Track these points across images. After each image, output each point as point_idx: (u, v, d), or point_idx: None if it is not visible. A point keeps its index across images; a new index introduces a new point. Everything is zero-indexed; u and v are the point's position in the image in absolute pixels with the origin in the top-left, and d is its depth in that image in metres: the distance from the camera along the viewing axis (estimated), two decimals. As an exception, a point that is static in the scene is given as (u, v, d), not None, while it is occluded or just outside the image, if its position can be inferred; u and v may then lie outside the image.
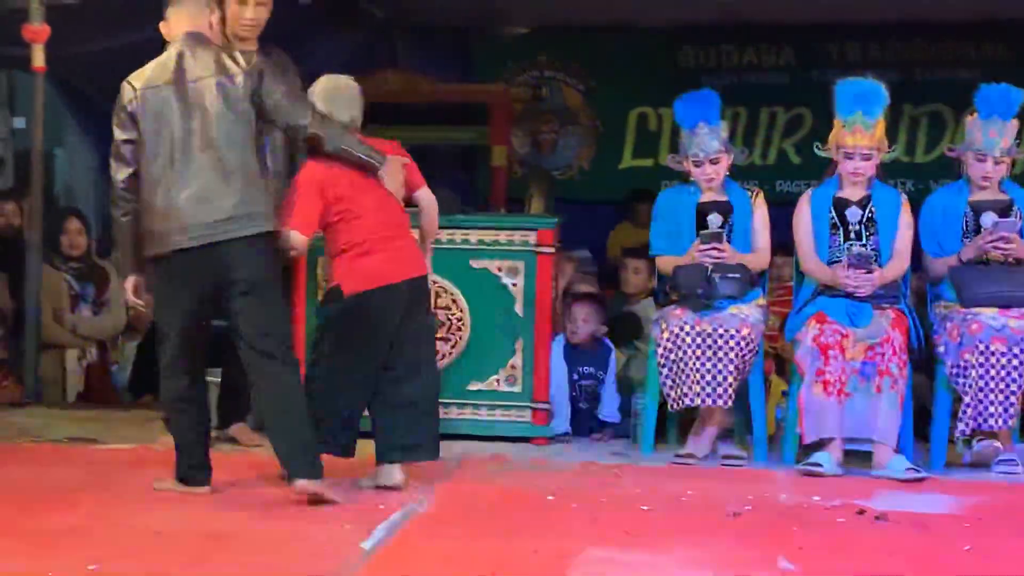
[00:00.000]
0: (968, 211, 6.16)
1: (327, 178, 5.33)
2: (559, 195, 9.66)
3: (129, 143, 5.19)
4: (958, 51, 9.98)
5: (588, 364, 6.90)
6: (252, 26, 6.00)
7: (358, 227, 5.36)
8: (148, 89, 5.16)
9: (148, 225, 5.16)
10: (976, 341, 5.82)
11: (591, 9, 9.57)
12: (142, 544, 4.50)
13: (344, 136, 5.35)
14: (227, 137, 5.12)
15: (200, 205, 5.07)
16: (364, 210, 5.37)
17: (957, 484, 5.73)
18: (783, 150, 10.13)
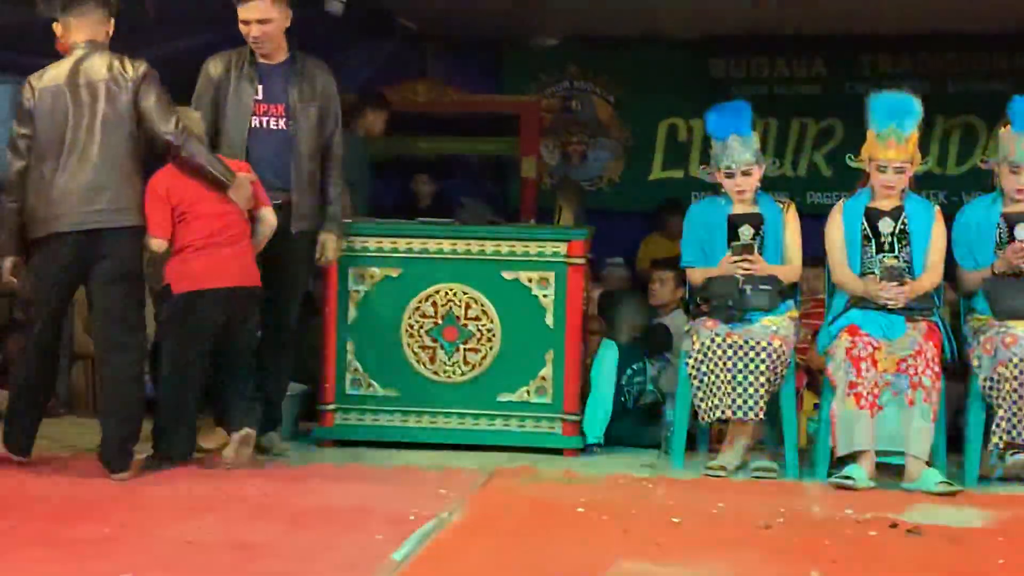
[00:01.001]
0: (1002, 223, 6.12)
1: (173, 185, 5.83)
2: (589, 206, 9.66)
3: (25, 137, 5.74)
4: (990, 62, 9.93)
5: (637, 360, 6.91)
6: (262, 42, 6.18)
7: (192, 231, 5.84)
8: (46, 88, 5.72)
9: (33, 211, 5.71)
10: (1010, 354, 5.78)
11: (621, 21, 9.57)
12: (174, 554, 4.52)
13: (201, 150, 5.85)
14: (110, 136, 5.68)
15: (80, 195, 5.64)
16: (201, 217, 5.85)
17: (990, 498, 5.69)
18: (814, 162, 10.09)
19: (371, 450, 6.41)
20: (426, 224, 6.78)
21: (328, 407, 6.53)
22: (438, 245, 6.51)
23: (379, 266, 6.52)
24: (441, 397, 6.49)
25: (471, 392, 6.47)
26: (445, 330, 6.47)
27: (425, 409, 6.49)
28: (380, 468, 6.07)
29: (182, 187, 5.84)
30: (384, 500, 5.35)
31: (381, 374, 6.52)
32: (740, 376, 5.96)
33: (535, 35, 10.27)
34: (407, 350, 6.48)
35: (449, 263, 6.50)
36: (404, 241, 6.53)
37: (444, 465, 6.08)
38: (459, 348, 6.47)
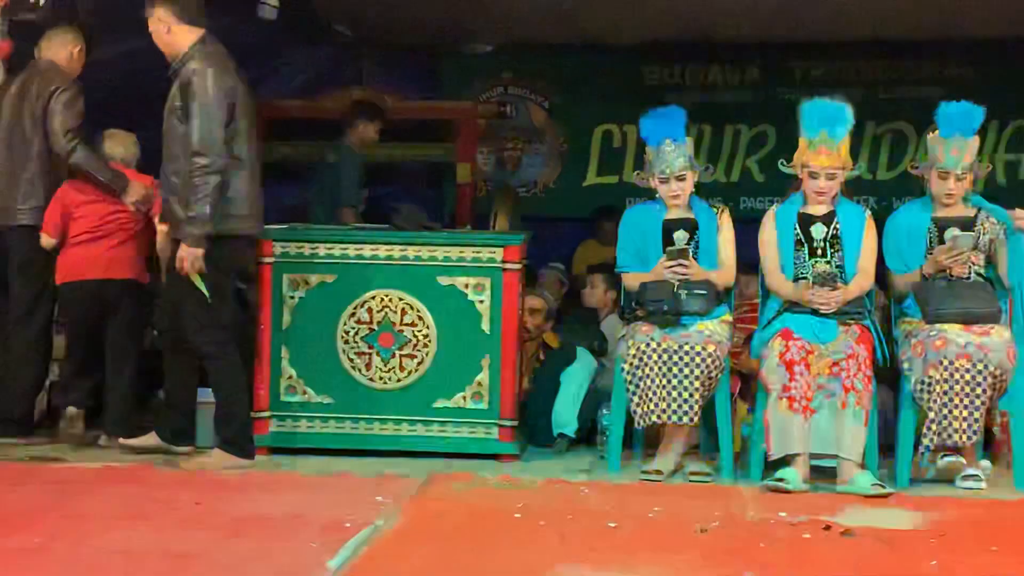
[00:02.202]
0: (932, 227, 6.19)
1: (70, 191, 6.61)
2: (524, 212, 9.67)
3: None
4: (920, 69, 10.03)
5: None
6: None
7: (75, 228, 6.58)
8: (6, 97, 6.69)
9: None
10: (940, 357, 5.85)
11: (556, 27, 9.59)
12: (105, 564, 4.48)
13: (90, 160, 6.59)
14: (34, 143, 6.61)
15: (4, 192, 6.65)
16: (86, 216, 6.59)
17: (922, 499, 5.74)
18: (747, 167, 10.15)
19: (306, 458, 6.37)
20: (361, 230, 6.76)
21: (262, 414, 6.48)
22: (373, 251, 6.49)
23: (314, 272, 6.48)
24: (377, 404, 6.46)
25: (407, 398, 6.45)
26: (381, 336, 6.45)
27: (361, 416, 6.47)
28: (315, 476, 6.04)
29: (80, 192, 6.61)
30: (319, 508, 5.33)
31: (316, 381, 6.48)
32: (675, 380, 5.99)
33: (471, 41, 10.27)
34: (343, 356, 6.46)
35: (385, 269, 6.48)
36: (339, 247, 6.51)
37: (380, 472, 6.06)
38: (395, 354, 6.45)
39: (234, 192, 6.04)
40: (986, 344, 5.83)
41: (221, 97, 5.96)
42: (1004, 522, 5.39)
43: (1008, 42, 9.55)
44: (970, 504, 5.70)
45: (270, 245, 6.49)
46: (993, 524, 5.33)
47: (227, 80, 6.01)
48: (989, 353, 5.81)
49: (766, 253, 6.23)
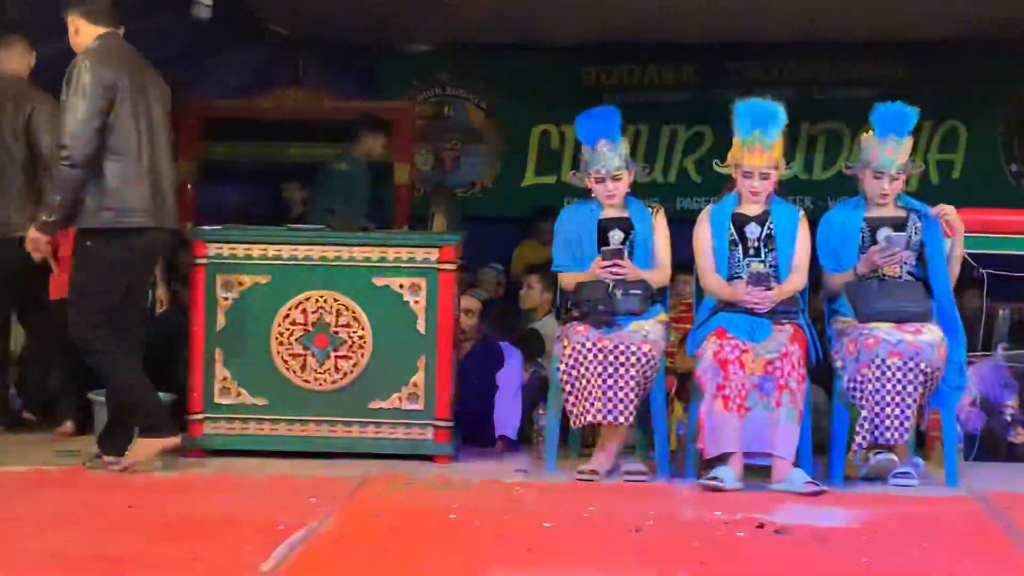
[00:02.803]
0: (865, 227, 6.23)
1: None
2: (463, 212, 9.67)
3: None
4: (855, 70, 10.14)
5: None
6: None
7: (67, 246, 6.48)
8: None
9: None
10: (873, 356, 5.89)
11: (494, 27, 9.62)
12: (38, 568, 4.43)
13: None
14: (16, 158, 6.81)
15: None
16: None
17: (855, 497, 5.78)
18: (684, 168, 10.23)
19: (241, 460, 6.33)
20: (296, 231, 6.73)
21: (196, 417, 6.43)
22: (308, 252, 6.46)
23: (248, 273, 6.43)
24: (312, 405, 6.43)
25: (342, 400, 6.42)
26: (316, 337, 6.42)
27: (296, 417, 6.43)
28: (249, 478, 6.00)
29: None
30: (253, 510, 5.30)
31: (250, 382, 6.44)
32: (611, 380, 5.99)
33: (408, 41, 10.27)
34: (277, 358, 6.42)
35: (320, 270, 6.45)
36: (274, 248, 6.46)
37: (315, 474, 6.03)
38: (330, 355, 6.42)
39: (110, 184, 5.92)
40: (917, 342, 5.88)
41: (96, 90, 5.86)
42: (935, 519, 5.44)
43: (940, 43, 9.67)
44: (902, 501, 5.74)
45: (203, 246, 6.44)
46: (924, 521, 5.38)
47: (105, 73, 5.90)
48: (920, 351, 5.86)
49: (701, 253, 6.25)
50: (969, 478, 6.16)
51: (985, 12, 8.81)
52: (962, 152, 10.15)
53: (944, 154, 10.12)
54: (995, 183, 10.06)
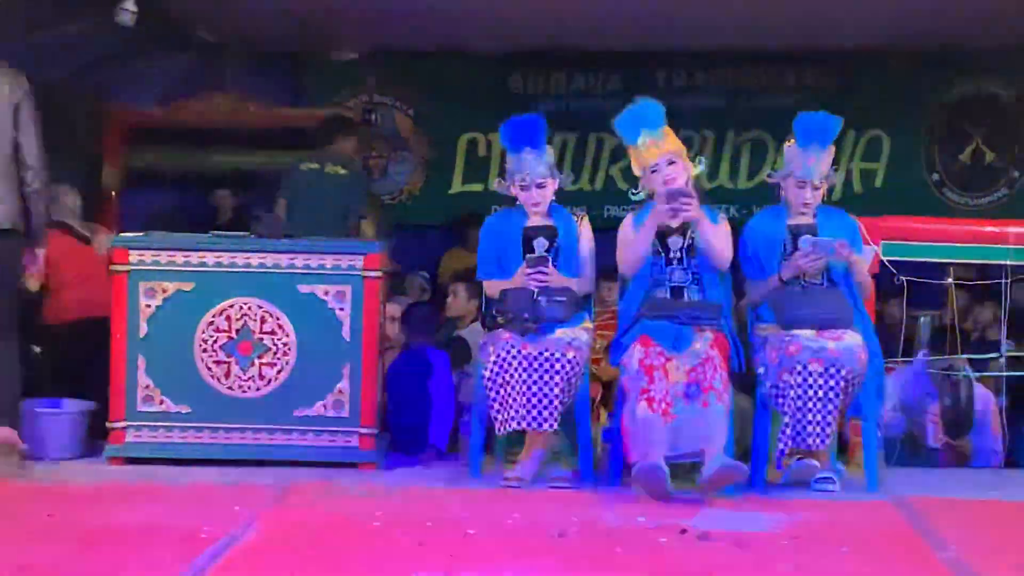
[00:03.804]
0: (787, 236, 6.28)
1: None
2: (390, 220, 9.68)
3: None
4: (780, 79, 10.24)
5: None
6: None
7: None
8: None
9: None
10: (794, 362, 5.93)
11: (421, 35, 9.61)
12: (-49, 579, 4.38)
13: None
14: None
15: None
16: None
17: (777, 503, 5.81)
18: (611, 175, 10.27)
19: (164, 468, 6.28)
20: (220, 237, 6.70)
21: (118, 424, 6.39)
22: (232, 259, 6.43)
23: (171, 280, 6.40)
24: (236, 412, 6.40)
25: (267, 407, 6.40)
26: (240, 344, 6.39)
27: (219, 425, 6.40)
28: (172, 486, 5.96)
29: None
30: (175, 519, 5.24)
31: (174, 390, 6.40)
32: (535, 387, 6.00)
33: (335, 48, 10.24)
34: (201, 365, 6.38)
35: (244, 277, 6.42)
36: (197, 255, 6.44)
37: (238, 482, 6.00)
38: (254, 362, 6.39)
39: None
40: (838, 349, 5.93)
41: None
42: (856, 524, 5.48)
43: (864, 53, 9.78)
44: (824, 506, 5.78)
45: (125, 253, 6.40)
46: (846, 526, 5.42)
47: None
48: (841, 357, 5.91)
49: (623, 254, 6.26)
50: (890, 483, 6.23)
51: (908, 23, 8.93)
52: (885, 161, 10.27)
53: (868, 163, 10.23)
54: (917, 192, 10.20)
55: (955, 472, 6.88)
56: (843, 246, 6.14)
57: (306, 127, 9.58)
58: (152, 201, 9.76)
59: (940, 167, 10.30)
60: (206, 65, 10.02)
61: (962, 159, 10.29)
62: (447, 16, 9.01)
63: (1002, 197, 10.28)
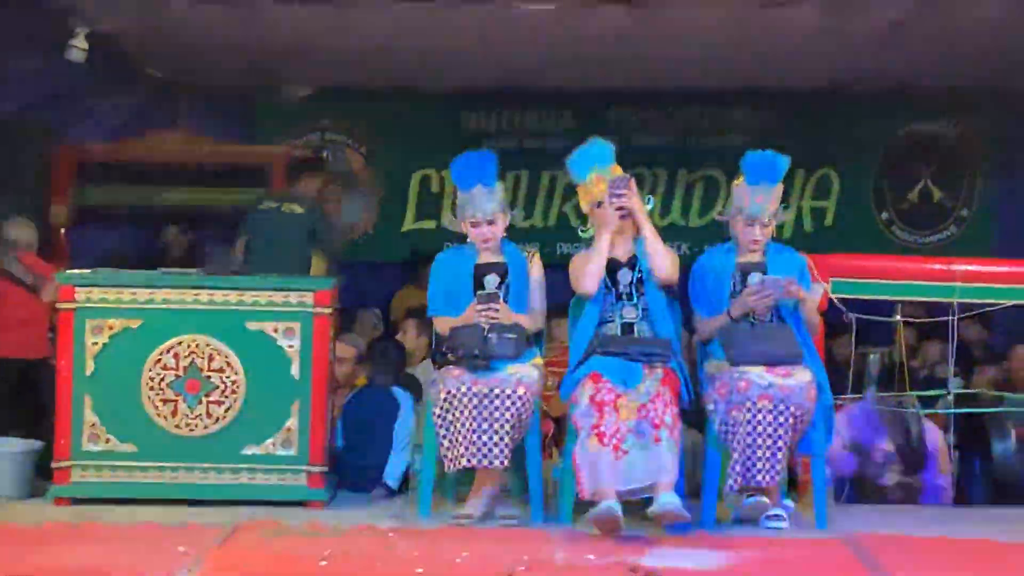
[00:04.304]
0: (736, 273, 6.30)
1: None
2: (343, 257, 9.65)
3: None
4: (731, 118, 10.30)
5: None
6: None
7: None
8: None
9: None
10: (744, 399, 5.94)
11: (374, 73, 9.63)
12: None
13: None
14: None
15: None
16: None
17: (727, 540, 5.80)
18: (563, 213, 10.30)
19: (109, 508, 6.20)
20: (168, 274, 6.65)
21: (64, 464, 6.31)
22: (181, 295, 6.38)
23: (118, 317, 6.34)
24: (183, 451, 6.33)
25: (215, 445, 6.34)
26: (187, 382, 6.34)
27: (166, 464, 6.33)
28: (119, 526, 5.89)
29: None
30: (120, 559, 5.19)
31: (120, 429, 6.33)
32: (485, 424, 5.97)
33: (287, 86, 10.24)
34: (148, 403, 6.32)
35: (192, 314, 6.37)
36: (145, 292, 6.38)
37: (185, 521, 5.93)
38: (202, 400, 6.34)
39: None
40: (787, 386, 5.94)
41: None
42: (805, 561, 5.49)
43: (813, 92, 9.86)
44: (773, 544, 5.78)
45: (72, 291, 6.34)
46: (794, 563, 5.44)
47: None
48: (790, 395, 5.92)
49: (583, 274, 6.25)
50: (839, 520, 6.23)
51: (856, 63, 9.01)
52: (835, 199, 10.35)
53: (817, 201, 10.31)
54: (867, 230, 10.27)
55: (905, 509, 6.88)
56: (792, 284, 6.17)
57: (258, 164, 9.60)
58: (102, 238, 9.72)
59: (889, 205, 10.39)
60: (157, 102, 10.00)
61: (911, 197, 10.38)
62: (400, 55, 9.02)
63: (950, 235, 10.37)
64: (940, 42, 8.48)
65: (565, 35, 8.45)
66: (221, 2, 7.88)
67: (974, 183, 10.36)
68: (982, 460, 7.44)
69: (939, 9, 7.86)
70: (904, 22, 8.05)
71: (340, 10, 7.91)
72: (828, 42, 8.48)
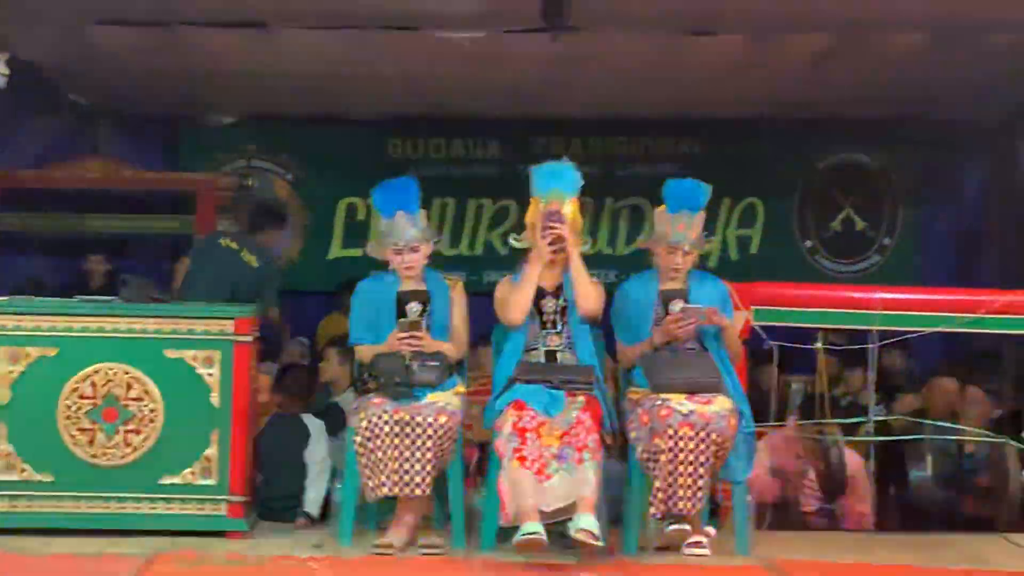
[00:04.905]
0: (658, 301, 6.32)
1: None
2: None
3: None
4: (657, 147, 10.36)
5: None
6: None
7: None
8: None
9: None
10: (666, 426, 5.95)
11: (299, 101, 9.60)
12: None
13: None
14: None
15: None
16: None
17: (648, 567, 5.82)
18: (489, 241, 10.30)
19: (24, 538, 6.09)
20: (86, 302, 6.57)
21: (-24, 494, 6.22)
22: (99, 323, 6.30)
23: (34, 345, 6.24)
24: (101, 481, 6.23)
25: (133, 475, 6.25)
26: (105, 411, 6.25)
27: (83, 494, 6.23)
28: (32, 557, 5.79)
29: None
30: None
31: (36, 458, 6.22)
32: (407, 452, 5.95)
33: (212, 113, 10.19)
34: (64, 432, 6.22)
35: (110, 342, 6.29)
36: (62, 319, 6.29)
37: (102, 552, 5.86)
38: (119, 429, 6.25)
39: None
40: (708, 413, 5.96)
41: None
42: (725, 587, 5.51)
43: (738, 121, 9.93)
44: (695, 570, 5.80)
45: (-13, 318, 6.27)
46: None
47: None
48: (711, 422, 5.94)
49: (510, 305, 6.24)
50: (761, 547, 6.25)
51: (780, 93, 9.09)
52: (760, 228, 10.42)
53: (743, 229, 10.37)
54: (792, 258, 10.35)
55: (826, 535, 6.93)
56: (713, 312, 6.20)
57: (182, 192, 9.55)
58: (23, 265, 9.60)
59: (813, 234, 10.47)
60: (79, 128, 9.92)
61: (834, 226, 10.47)
62: (325, 82, 9.00)
63: (874, 264, 10.47)
64: (862, 73, 8.57)
65: (491, 63, 8.47)
66: (143, 27, 7.83)
67: (896, 212, 10.47)
68: (900, 487, 7.50)
69: (861, 41, 7.95)
70: (827, 53, 8.13)
71: (263, 35, 7.88)
72: (753, 72, 8.55)
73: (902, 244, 10.47)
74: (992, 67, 8.34)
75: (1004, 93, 9.19)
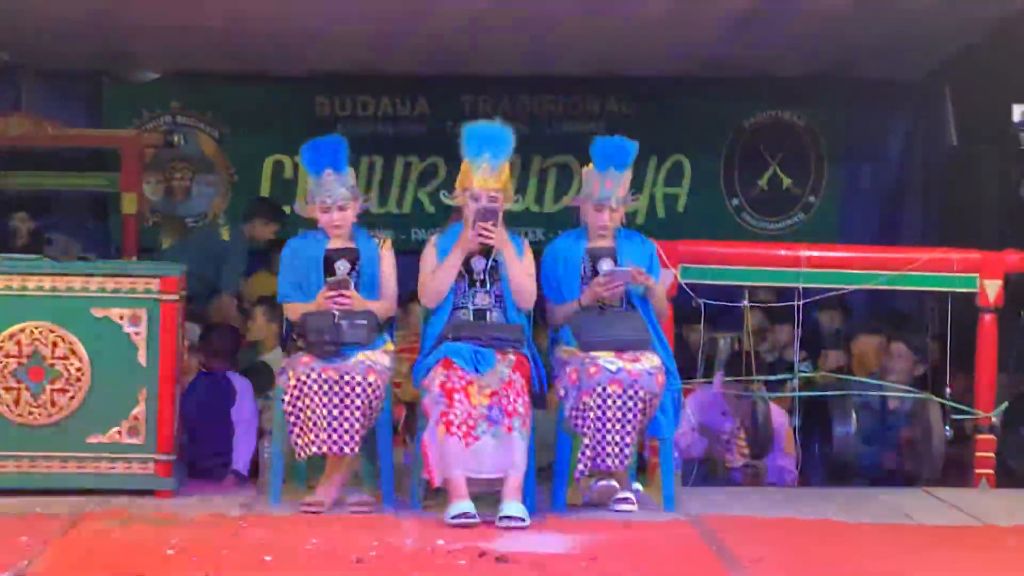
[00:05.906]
0: (586, 258, 6.35)
1: None
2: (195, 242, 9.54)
3: None
4: (584, 105, 10.34)
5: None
6: None
7: None
8: None
9: None
10: (594, 384, 5.99)
11: (224, 57, 9.50)
12: None
13: None
14: None
15: None
16: None
17: (576, 523, 5.86)
18: (418, 199, 10.26)
19: (-50, 499, 6.07)
20: (10, 259, 6.49)
21: (-102, 456, 6.16)
22: (23, 282, 6.24)
23: (-41, 304, 6.20)
24: (27, 441, 6.20)
25: (59, 434, 6.22)
26: (30, 370, 6.21)
27: (9, 454, 6.20)
28: (-42, 518, 5.76)
29: None
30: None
31: (-39, 419, 6.19)
32: (336, 411, 5.95)
33: (135, 69, 10.05)
34: (-11, 392, 6.19)
35: (35, 301, 6.24)
36: (-15, 278, 6.24)
37: (28, 512, 5.83)
38: (46, 389, 6.21)
39: None
40: (636, 370, 6.01)
41: None
42: (652, 543, 5.57)
43: (664, 79, 9.95)
44: (622, 527, 5.85)
45: (-91, 278, 6.19)
46: (642, 546, 5.51)
47: None
48: (639, 379, 5.99)
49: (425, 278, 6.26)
50: (687, 503, 6.34)
51: (706, 51, 9.12)
52: (687, 186, 10.44)
53: (670, 188, 10.39)
54: (718, 216, 10.38)
55: (751, 491, 7.02)
56: (640, 272, 6.24)
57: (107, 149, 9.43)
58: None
59: (740, 192, 10.53)
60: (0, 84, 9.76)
61: (760, 184, 10.53)
62: (252, 38, 8.92)
63: (799, 221, 10.54)
64: (788, 31, 8.60)
65: (418, 20, 8.42)
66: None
67: (821, 171, 10.53)
68: (825, 442, 7.60)
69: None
70: (753, 10, 8.15)
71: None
72: (679, 30, 8.56)
73: (827, 202, 10.54)
74: (913, 25, 8.41)
75: (926, 51, 9.27)
